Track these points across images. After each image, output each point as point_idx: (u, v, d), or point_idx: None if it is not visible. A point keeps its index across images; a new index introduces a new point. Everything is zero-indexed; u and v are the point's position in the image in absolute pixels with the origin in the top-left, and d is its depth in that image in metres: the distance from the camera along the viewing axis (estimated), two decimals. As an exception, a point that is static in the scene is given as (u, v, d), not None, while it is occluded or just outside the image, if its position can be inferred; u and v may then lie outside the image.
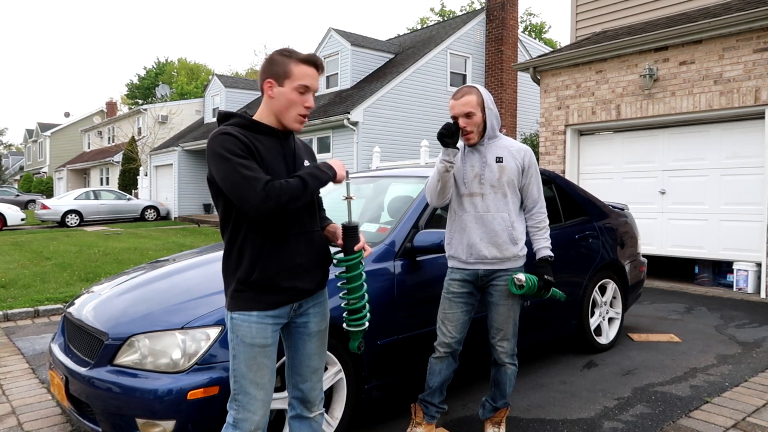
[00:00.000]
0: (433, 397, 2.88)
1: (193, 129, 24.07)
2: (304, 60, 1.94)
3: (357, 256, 2.06)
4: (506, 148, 2.79)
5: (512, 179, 2.76)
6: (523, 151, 2.80)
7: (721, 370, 4.04)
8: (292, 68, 1.93)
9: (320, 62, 1.98)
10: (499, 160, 2.75)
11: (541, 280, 2.73)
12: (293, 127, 1.98)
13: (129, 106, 44.95)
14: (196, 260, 3.38)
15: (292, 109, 1.95)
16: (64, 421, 3.23)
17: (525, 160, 2.79)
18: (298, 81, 1.92)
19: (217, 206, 1.98)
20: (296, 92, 1.93)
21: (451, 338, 2.80)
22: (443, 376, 2.85)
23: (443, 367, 2.84)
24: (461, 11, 35.18)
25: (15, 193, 31.59)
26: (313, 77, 1.96)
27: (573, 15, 10.06)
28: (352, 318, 2.12)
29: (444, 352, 2.83)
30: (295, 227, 1.97)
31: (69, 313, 3.05)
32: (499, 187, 2.74)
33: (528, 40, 19.31)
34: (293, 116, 1.96)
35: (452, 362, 2.85)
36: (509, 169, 2.75)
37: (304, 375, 2.10)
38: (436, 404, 2.89)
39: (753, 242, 7.10)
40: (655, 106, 7.83)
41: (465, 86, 2.77)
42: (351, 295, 2.09)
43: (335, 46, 16.45)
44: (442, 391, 2.88)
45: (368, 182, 4.22)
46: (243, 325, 1.91)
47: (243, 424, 1.91)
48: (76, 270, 8.27)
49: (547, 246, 2.81)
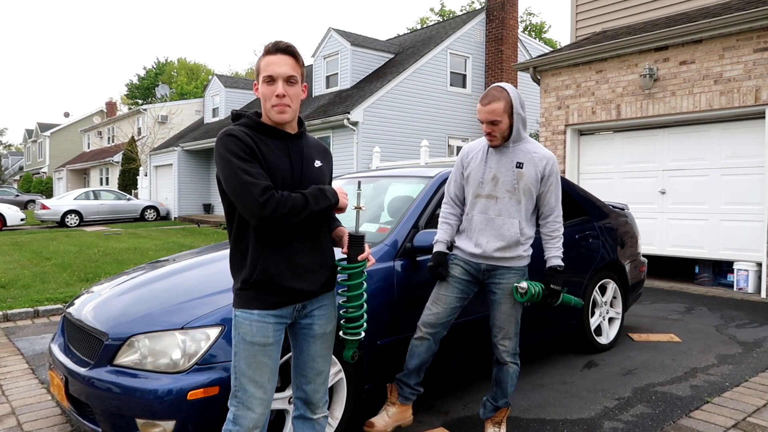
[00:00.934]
0: (409, 378, 2.87)
1: (193, 129, 24.06)
2: (267, 50, 1.93)
3: (360, 266, 2.07)
4: (529, 153, 2.74)
5: (529, 187, 2.73)
6: (545, 159, 2.75)
7: (722, 370, 4.04)
8: (259, 64, 1.95)
9: (283, 45, 1.93)
10: (519, 165, 2.71)
11: (547, 288, 2.73)
12: (276, 119, 1.94)
13: (129, 106, 44.96)
14: (196, 260, 3.38)
15: (267, 102, 1.94)
16: (64, 421, 3.23)
17: (546, 168, 2.74)
18: (263, 72, 1.92)
19: (224, 205, 2.01)
20: (265, 85, 1.93)
21: (437, 318, 2.80)
22: (421, 359, 2.84)
23: (423, 350, 2.83)
24: (461, 11, 35.19)
25: (15, 193, 31.57)
26: (277, 64, 1.91)
27: (573, 15, 10.06)
28: (349, 326, 2.12)
29: (426, 333, 2.81)
30: (299, 228, 1.96)
31: (69, 313, 3.05)
32: (514, 193, 2.72)
33: (528, 39, 19.32)
34: (269, 108, 1.94)
35: (432, 345, 2.84)
36: (528, 176, 2.71)
37: (308, 376, 2.09)
38: (411, 385, 2.88)
39: (753, 242, 7.09)
40: (655, 105, 7.83)
41: (495, 88, 2.69)
42: (350, 303, 2.09)
43: (335, 46, 16.45)
44: (419, 373, 2.87)
45: (368, 182, 4.22)
46: (244, 323, 1.93)
47: (242, 420, 1.93)
48: (76, 270, 8.27)
49: (558, 255, 2.80)
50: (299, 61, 1.96)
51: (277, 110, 1.92)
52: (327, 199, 1.94)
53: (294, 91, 1.94)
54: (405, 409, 2.91)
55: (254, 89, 1.99)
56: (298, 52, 1.96)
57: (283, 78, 1.91)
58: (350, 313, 2.10)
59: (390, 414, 2.87)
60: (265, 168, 1.88)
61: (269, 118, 1.96)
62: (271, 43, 1.94)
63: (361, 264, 2.07)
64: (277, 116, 1.93)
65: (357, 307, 2.10)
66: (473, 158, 2.85)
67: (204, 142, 19.80)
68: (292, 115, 1.96)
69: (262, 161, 1.88)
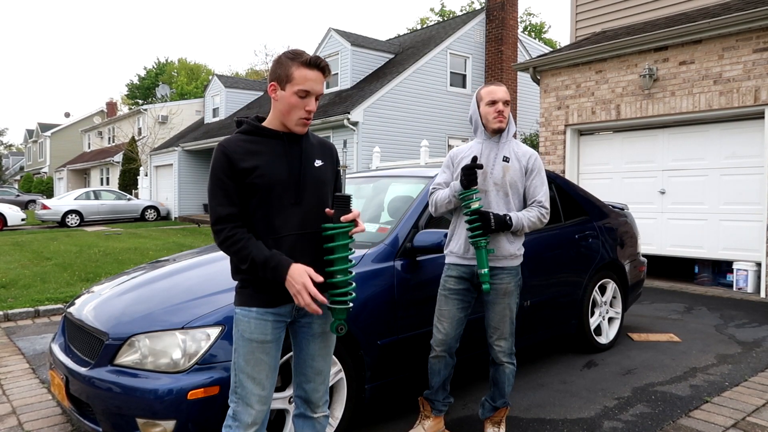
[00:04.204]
0: (436, 395, 2.95)
1: (193, 129, 24.07)
2: (306, 63, 1.93)
3: (344, 227, 1.95)
4: (513, 150, 2.87)
5: (515, 180, 2.82)
6: (528, 154, 2.88)
7: (721, 370, 4.04)
8: (293, 72, 1.93)
9: (324, 64, 1.96)
10: (505, 159, 2.82)
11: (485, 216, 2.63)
12: (296, 130, 1.99)
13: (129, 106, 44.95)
14: (196, 260, 3.39)
15: (294, 113, 1.96)
16: (64, 421, 3.23)
17: (530, 162, 2.86)
18: (298, 85, 1.92)
19: None
20: (296, 96, 1.93)
21: (446, 335, 2.83)
22: (443, 376, 2.90)
23: (442, 367, 2.89)
24: (461, 11, 35.19)
25: (15, 193, 31.57)
26: (315, 81, 1.94)
27: (573, 15, 10.06)
28: (334, 294, 1.98)
29: (440, 351, 2.86)
30: (296, 226, 1.97)
31: (69, 313, 3.06)
32: (501, 186, 2.80)
33: (528, 40, 19.32)
34: (295, 120, 1.97)
35: (450, 360, 2.89)
36: (513, 169, 2.82)
37: (308, 375, 2.10)
38: (440, 400, 2.96)
39: (753, 242, 7.10)
40: (655, 106, 7.83)
41: (496, 82, 2.93)
42: (334, 267, 1.97)
43: (335, 46, 16.46)
44: (445, 387, 2.95)
45: (368, 182, 4.23)
46: (243, 320, 1.96)
47: (241, 416, 1.95)
48: (77, 270, 8.27)
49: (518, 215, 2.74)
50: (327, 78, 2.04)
51: (303, 124, 1.98)
52: (272, 271, 1.88)
53: (317, 106, 2.02)
54: (439, 420, 3.00)
55: (270, 90, 1.98)
56: (330, 70, 2.02)
57: (317, 95, 1.97)
58: (336, 278, 1.97)
59: (426, 427, 2.94)
60: (258, 170, 1.92)
61: (284, 125, 1.99)
62: (312, 57, 1.95)
63: (346, 226, 1.95)
64: (299, 128, 1.99)
65: (342, 271, 1.97)
66: (463, 158, 2.91)
67: (204, 142, 19.80)
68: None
69: (248, 174, 1.91)
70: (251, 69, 44.54)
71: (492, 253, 2.74)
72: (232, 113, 22.12)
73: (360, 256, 2.99)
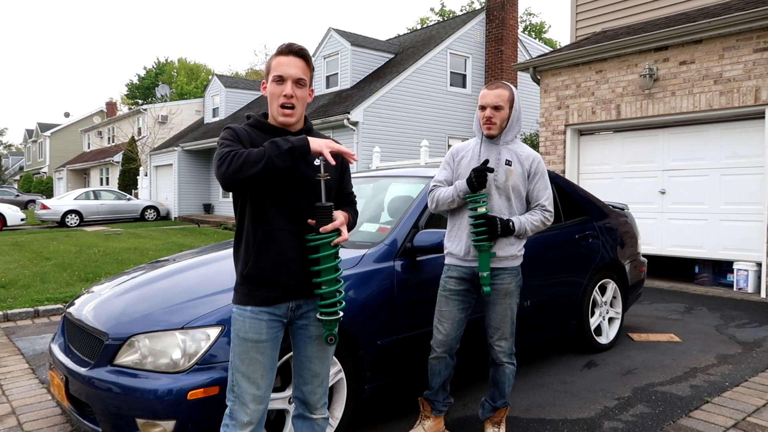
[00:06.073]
0: (436, 395, 2.94)
1: (193, 129, 24.06)
2: (279, 51, 1.97)
3: (326, 238, 1.91)
4: (516, 153, 2.82)
5: (517, 184, 2.79)
6: (531, 157, 2.83)
7: (722, 370, 4.04)
8: (270, 63, 1.98)
9: (296, 48, 1.96)
10: (508, 163, 2.78)
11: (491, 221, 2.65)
12: (280, 121, 1.98)
13: (129, 106, 44.92)
14: (196, 260, 3.38)
15: (274, 102, 1.97)
16: (64, 421, 3.23)
17: (533, 166, 2.82)
18: (273, 73, 1.96)
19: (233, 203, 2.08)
20: (273, 84, 1.96)
21: (447, 336, 2.82)
22: (443, 376, 2.90)
23: (442, 368, 2.88)
24: (461, 11, 35.19)
25: (15, 193, 31.56)
26: (287, 65, 1.94)
27: (573, 15, 10.06)
28: (322, 305, 1.96)
29: (441, 352, 2.85)
30: (291, 222, 1.97)
31: (69, 313, 3.06)
32: (503, 190, 2.77)
33: (528, 40, 19.32)
34: (275, 109, 1.98)
35: (450, 361, 2.89)
36: (515, 173, 2.78)
37: (305, 377, 2.10)
38: (440, 401, 2.96)
39: (753, 242, 7.09)
40: (655, 106, 7.83)
41: (500, 81, 2.84)
42: (320, 279, 1.94)
43: (335, 46, 16.45)
44: (445, 388, 2.94)
45: (368, 182, 4.22)
46: (239, 319, 1.97)
47: (237, 414, 1.96)
48: (76, 270, 8.27)
49: (521, 220, 2.74)
50: (310, 65, 2.01)
51: (283, 113, 1.96)
52: (287, 142, 1.83)
53: (301, 93, 1.98)
54: (439, 420, 2.99)
55: (262, 88, 2.03)
56: (309, 56, 2.00)
57: (293, 79, 1.95)
58: (323, 290, 1.95)
59: (426, 427, 2.94)
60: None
61: (275, 120, 2.01)
62: (284, 44, 1.97)
63: (328, 236, 1.91)
64: (282, 119, 1.97)
65: (329, 282, 1.93)
66: (464, 156, 2.87)
67: (204, 142, 19.79)
68: (297, 117, 2.00)
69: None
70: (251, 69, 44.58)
71: (494, 256, 2.74)
72: (232, 113, 22.12)
73: (360, 256, 2.99)
